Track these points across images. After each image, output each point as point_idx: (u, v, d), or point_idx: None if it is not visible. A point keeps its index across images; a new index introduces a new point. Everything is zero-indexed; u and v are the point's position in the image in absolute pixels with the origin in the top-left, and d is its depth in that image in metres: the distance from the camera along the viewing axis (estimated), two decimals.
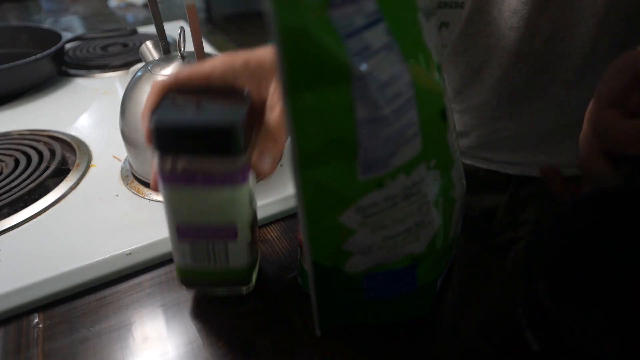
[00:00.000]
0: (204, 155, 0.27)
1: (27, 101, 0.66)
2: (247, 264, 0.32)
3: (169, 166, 0.27)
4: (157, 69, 0.42)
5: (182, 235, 0.30)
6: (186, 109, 0.29)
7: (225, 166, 0.27)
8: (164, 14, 0.46)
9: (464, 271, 0.36)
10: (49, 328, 0.33)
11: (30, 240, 0.39)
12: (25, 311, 0.34)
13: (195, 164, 0.27)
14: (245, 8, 4.03)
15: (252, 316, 0.33)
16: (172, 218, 0.29)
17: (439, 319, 0.32)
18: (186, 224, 0.29)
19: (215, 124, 0.26)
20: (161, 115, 0.27)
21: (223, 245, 0.30)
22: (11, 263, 0.36)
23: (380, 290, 0.29)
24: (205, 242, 0.30)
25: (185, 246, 0.30)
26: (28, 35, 0.80)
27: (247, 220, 0.30)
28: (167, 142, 0.26)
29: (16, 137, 0.55)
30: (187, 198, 0.28)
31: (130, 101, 0.43)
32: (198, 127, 0.26)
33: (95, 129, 0.57)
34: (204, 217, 0.29)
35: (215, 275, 0.32)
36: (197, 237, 0.30)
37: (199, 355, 0.30)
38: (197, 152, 0.27)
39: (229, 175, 0.27)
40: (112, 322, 0.33)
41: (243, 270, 0.32)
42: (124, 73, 0.74)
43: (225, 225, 0.29)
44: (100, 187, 0.45)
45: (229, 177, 0.28)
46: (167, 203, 0.29)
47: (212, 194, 0.28)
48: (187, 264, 0.31)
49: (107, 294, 0.35)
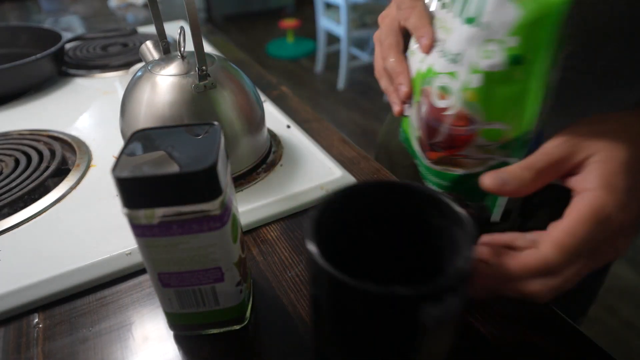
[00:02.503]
0: (178, 205, 0.24)
1: (27, 101, 0.66)
2: (238, 303, 0.30)
3: (140, 220, 0.25)
4: (157, 69, 0.42)
5: (166, 285, 0.28)
6: (153, 154, 0.25)
7: (202, 213, 0.25)
8: (164, 14, 0.46)
9: None
10: (49, 328, 0.33)
11: (31, 240, 0.39)
12: (26, 311, 0.34)
13: (169, 215, 0.25)
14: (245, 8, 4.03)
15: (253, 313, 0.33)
16: (151, 269, 0.27)
17: None
18: (168, 274, 0.27)
19: (187, 170, 0.23)
20: (124, 168, 0.24)
21: (210, 289, 0.29)
22: (11, 263, 0.36)
23: None
24: (190, 289, 0.28)
25: (171, 293, 0.28)
26: (28, 35, 0.80)
27: (233, 259, 0.28)
28: (135, 197, 0.24)
29: (16, 137, 0.55)
30: (164, 250, 0.26)
31: (130, 101, 0.43)
32: (167, 176, 0.23)
33: (95, 129, 0.57)
34: (186, 265, 0.27)
35: (207, 317, 0.30)
36: (181, 285, 0.28)
37: (200, 354, 0.30)
38: (170, 203, 0.24)
39: (207, 222, 0.25)
40: (112, 322, 0.33)
41: (235, 310, 0.30)
42: (124, 73, 0.74)
43: (210, 270, 0.28)
44: (100, 187, 0.45)
45: (207, 224, 0.25)
46: (143, 255, 0.27)
47: (190, 242, 0.26)
48: (174, 309, 0.30)
49: (107, 294, 0.35)
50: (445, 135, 0.33)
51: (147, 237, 0.25)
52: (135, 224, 0.25)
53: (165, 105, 0.41)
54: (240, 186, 0.45)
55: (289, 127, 0.55)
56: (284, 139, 0.53)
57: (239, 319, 0.31)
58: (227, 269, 0.28)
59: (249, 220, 0.41)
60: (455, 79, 0.31)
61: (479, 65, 0.29)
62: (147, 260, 0.27)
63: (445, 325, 0.22)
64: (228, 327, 0.31)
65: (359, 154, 0.52)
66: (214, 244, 0.26)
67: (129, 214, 0.24)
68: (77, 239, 0.39)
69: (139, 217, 0.25)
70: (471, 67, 0.29)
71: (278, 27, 3.49)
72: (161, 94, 0.41)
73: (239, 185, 0.45)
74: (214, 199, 0.25)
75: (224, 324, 0.31)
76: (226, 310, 0.30)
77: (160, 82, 0.41)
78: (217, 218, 0.25)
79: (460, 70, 0.30)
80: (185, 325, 0.31)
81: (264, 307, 0.34)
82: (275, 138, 0.53)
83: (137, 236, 0.25)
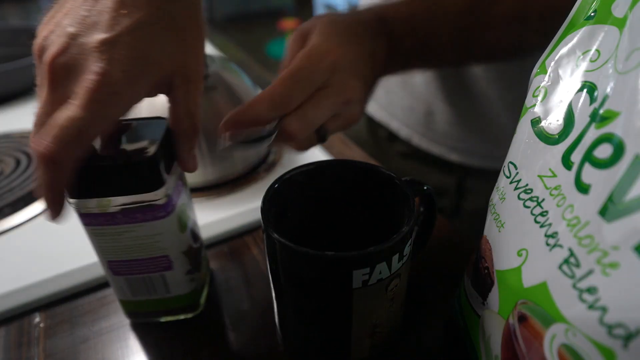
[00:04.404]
0: (121, 195, 0.25)
1: (27, 101, 0.66)
2: (189, 291, 0.31)
3: (85, 210, 0.26)
4: None
5: (116, 273, 0.29)
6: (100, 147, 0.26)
7: (145, 203, 0.26)
8: None
9: None
10: (50, 327, 0.33)
11: (32, 240, 0.39)
12: (27, 310, 0.34)
13: (113, 205, 0.25)
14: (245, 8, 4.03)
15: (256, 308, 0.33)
16: (100, 256, 0.28)
17: None
18: (117, 261, 0.28)
19: (130, 161, 0.25)
20: None
21: (160, 277, 0.29)
22: (12, 262, 0.36)
23: None
24: (140, 276, 0.29)
25: (122, 281, 0.29)
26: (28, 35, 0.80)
27: (181, 248, 0.29)
28: (81, 187, 0.24)
29: (17, 137, 0.55)
30: (111, 238, 0.27)
31: None
32: (110, 167, 0.24)
33: None
34: (134, 253, 0.28)
35: (159, 305, 0.31)
36: (131, 273, 0.29)
37: (200, 354, 0.31)
38: (114, 193, 0.25)
39: (151, 211, 0.26)
40: (113, 321, 0.33)
41: (187, 297, 0.31)
42: None
43: (158, 258, 0.28)
44: None
45: (151, 213, 0.26)
46: (92, 244, 0.28)
47: (136, 230, 0.27)
48: (127, 297, 0.30)
49: (108, 293, 0.35)
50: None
51: (93, 225, 0.26)
52: (82, 213, 0.26)
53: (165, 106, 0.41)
54: (240, 186, 0.45)
55: None
56: None
57: (193, 307, 0.32)
58: (176, 258, 0.29)
59: (250, 220, 0.41)
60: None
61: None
62: (96, 249, 0.28)
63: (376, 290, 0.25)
64: (181, 314, 0.32)
65: (359, 154, 0.52)
66: (159, 232, 0.27)
67: (74, 203, 0.25)
68: (78, 238, 0.38)
69: (87, 206, 0.26)
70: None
71: (278, 28, 3.49)
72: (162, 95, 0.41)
73: (240, 185, 0.45)
74: (157, 189, 0.26)
75: (177, 311, 0.32)
76: (178, 297, 0.31)
77: None
78: (161, 207, 0.26)
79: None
80: (139, 312, 0.32)
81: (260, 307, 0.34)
82: None
83: (84, 225, 0.26)
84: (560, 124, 0.22)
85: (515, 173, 0.24)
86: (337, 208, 0.32)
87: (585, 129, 0.20)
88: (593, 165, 0.19)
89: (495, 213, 0.26)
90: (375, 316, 0.26)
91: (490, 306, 0.25)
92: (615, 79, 0.19)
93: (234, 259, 0.39)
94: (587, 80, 0.21)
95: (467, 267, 0.30)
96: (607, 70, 0.20)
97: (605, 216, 0.18)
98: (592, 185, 0.19)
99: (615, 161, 0.18)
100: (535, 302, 0.21)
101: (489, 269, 0.25)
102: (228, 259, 0.39)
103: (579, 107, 0.21)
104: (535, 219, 0.22)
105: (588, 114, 0.20)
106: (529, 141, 0.24)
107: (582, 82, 0.22)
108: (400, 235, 0.24)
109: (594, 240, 0.18)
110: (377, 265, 0.23)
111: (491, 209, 0.26)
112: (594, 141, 0.19)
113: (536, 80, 0.25)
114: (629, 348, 0.16)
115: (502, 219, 0.25)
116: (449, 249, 0.39)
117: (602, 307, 0.17)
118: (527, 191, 0.23)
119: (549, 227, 0.21)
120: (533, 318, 0.21)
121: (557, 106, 0.23)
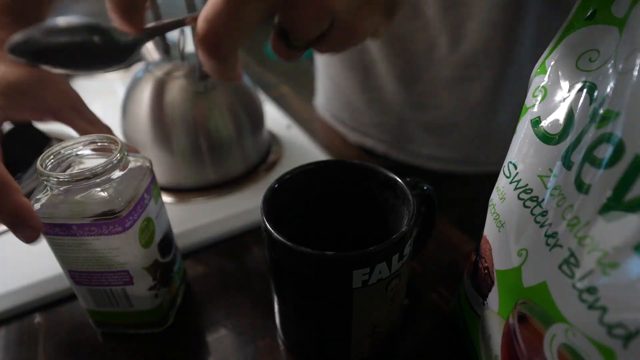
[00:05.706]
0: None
1: None
2: (153, 307, 0.30)
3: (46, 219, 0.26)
4: (158, 70, 0.42)
5: (77, 282, 0.29)
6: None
7: (100, 218, 0.25)
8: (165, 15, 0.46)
9: None
10: (50, 327, 0.33)
11: None
12: (27, 310, 0.34)
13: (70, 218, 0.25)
14: None
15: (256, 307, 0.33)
16: (61, 265, 0.28)
17: None
18: (78, 271, 0.28)
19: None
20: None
21: (121, 291, 0.29)
22: (12, 262, 0.36)
23: None
24: (102, 288, 0.29)
25: (84, 290, 0.29)
26: None
27: (144, 264, 0.28)
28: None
29: None
30: (69, 249, 0.27)
31: (131, 101, 0.43)
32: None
33: None
34: (93, 265, 0.28)
35: (123, 317, 0.31)
36: (92, 284, 0.29)
37: (200, 353, 0.31)
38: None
39: (106, 225, 0.26)
40: None
41: (151, 313, 0.30)
42: (124, 73, 0.74)
43: (117, 272, 0.28)
44: None
45: (107, 227, 0.26)
46: (53, 252, 0.28)
47: (93, 243, 0.26)
48: (91, 307, 0.30)
49: None
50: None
51: (50, 235, 0.26)
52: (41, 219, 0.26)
53: (166, 105, 0.41)
54: (240, 186, 0.45)
55: (289, 127, 0.55)
56: (284, 139, 0.53)
57: (159, 323, 0.31)
58: (136, 273, 0.28)
59: (250, 220, 0.41)
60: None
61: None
62: (57, 257, 0.28)
63: (376, 289, 0.25)
64: (147, 329, 0.32)
65: (359, 154, 0.52)
66: (117, 247, 0.27)
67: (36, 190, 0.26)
68: None
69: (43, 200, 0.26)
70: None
71: None
72: (162, 95, 0.41)
73: (240, 185, 0.45)
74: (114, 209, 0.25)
75: (142, 325, 0.31)
76: (141, 312, 0.30)
77: (161, 83, 0.41)
78: (117, 222, 0.26)
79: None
80: (106, 322, 0.31)
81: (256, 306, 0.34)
82: (275, 138, 0.53)
83: (43, 234, 0.26)
84: (560, 124, 0.22)
85: (515, 173, 0.24)
86: (337, 208, 0.32)
87: (585, 129, 0.20)
88: (593, 165, 0.19)
89: (495, 213, 0.26)
90: (375, 316, 0.26)
91: (490, 306, 0.25)
92: (615, 79, 0.19)
93: (234, 259, 0.39)
94: (587, 80, 0.21)
95: (467, 267, 0.30)
96: (607, 70, 0.20)
97: (605, 216, 0.18)
98: (592, 185, 0.19)
99: (615, 161, 0.18)
100: (535, 302, 0.21)
101: (489, 269, 0.25)
102: (228, 259, 0.39)
103: (579, 107, 0.21)
104: (535, 219, 0.22)
105: (588, 114, 0.20)
106: (528, 141, 0.24)
107: (582, 82, 0.22)
108: (400, 235, 0.24)
109: (594, 240, 0.18)
110: (377, 265, 0.23)
111: (491, 209, 0.26)
112: (594, 141, 0.19)
113: (536, 80, 0.25)
114: (629, 348, 0.16)
115: (502, 219, 0.24)
116: (449, 249, 0.39)
117: (602, 307, 0.17)
118: (527, 191, 0.23)
119: (549, 227, 0.21)
120: (533, 318, 0.21)
121: (557, 106, 0.23)
